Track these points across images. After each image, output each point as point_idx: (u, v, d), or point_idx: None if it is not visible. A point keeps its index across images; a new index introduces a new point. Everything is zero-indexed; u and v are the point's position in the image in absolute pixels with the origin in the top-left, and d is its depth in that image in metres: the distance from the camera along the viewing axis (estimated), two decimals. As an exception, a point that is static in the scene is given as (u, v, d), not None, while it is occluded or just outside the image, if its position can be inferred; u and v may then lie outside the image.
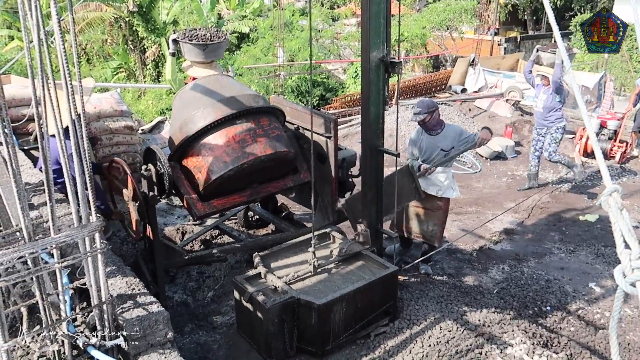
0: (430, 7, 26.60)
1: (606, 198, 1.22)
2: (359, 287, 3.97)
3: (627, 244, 1.08)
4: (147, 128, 7.80)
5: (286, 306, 3.74)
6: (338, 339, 3.94)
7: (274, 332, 3.72)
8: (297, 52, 17.45)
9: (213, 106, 4.35)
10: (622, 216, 1.14)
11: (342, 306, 3.87)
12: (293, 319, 3.80)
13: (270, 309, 3.66)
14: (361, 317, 4.05)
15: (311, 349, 3.89)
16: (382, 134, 4.50)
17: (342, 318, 3.89)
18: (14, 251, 1.83)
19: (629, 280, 1.03)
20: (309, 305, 3.75)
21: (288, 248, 4.51)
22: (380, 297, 4.16)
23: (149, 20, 19.86)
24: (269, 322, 3.69)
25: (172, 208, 6.60)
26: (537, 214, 7.63)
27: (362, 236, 4.57)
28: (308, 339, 3.87)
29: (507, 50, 25.57)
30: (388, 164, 5.07)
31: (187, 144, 4.38)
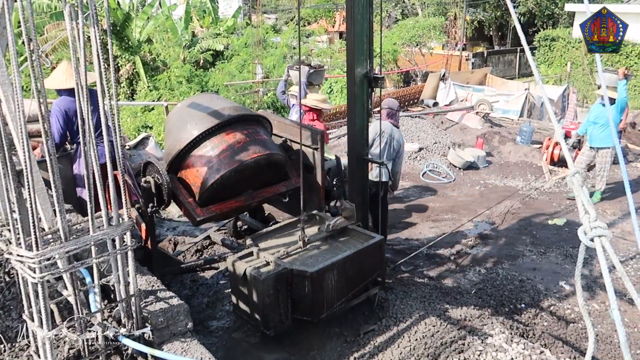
0: (399, 24, 27.35)
1: (570, 178, 1.55)
2: (349, 255, 4.11)
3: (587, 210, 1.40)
4: (132, 144, 7.98)
5: (280, 277, 3.84)
6: (332, 307, 4.05)
7: (269, 303, 3.82)
8: (272, 69, 17.78)
9: (202, 119, 4.61)
10: (583, 190, 1.47)
11: (334, 274, 3.99)
12: (287, 289, 3.91)
13: (265, 279, 3.75)
14: (353, 285, 4.19)
15: (306, 318, 3.99)
16: (366, 143, 4.82)
17: (335, 286, 4.01)
18: (59, 247, 2.06)
19: (588, 237, 1.35)
20: (302, 275, 3.85)
21: (277, 230, 4.65)
22: (369, 266, 4.31)
23: (122, 38, 19.96)
24: (265, 294, 3.78)
25: (161, 221, 6.79)
26: (509, 219, 8.04)
27: (347, 210, 4.65)
28: (303, 308, 3.97)
29: (475, 64, 26.43)
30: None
31: (181, 155, 4.63)
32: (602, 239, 1.33)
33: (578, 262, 1.47)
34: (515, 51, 28.13)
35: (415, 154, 10.83)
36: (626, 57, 19.64)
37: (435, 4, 31.78)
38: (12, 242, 2.39)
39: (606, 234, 1.35)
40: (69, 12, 2.04)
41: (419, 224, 7.85)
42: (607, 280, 1.36)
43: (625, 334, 1.33)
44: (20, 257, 2.18)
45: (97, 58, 2.14)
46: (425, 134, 11.63)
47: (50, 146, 2.19)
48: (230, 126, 4.59)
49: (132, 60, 19.95)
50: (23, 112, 2.10)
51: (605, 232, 1.35)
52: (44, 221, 2.51)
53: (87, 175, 2.19)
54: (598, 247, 1.35)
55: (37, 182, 2.42)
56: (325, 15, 32.95)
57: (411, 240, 7.21)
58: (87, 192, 2.21)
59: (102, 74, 2.21)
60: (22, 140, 2.24)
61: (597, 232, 1.35)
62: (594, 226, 1.35)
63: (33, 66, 2.20)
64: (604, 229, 1.35)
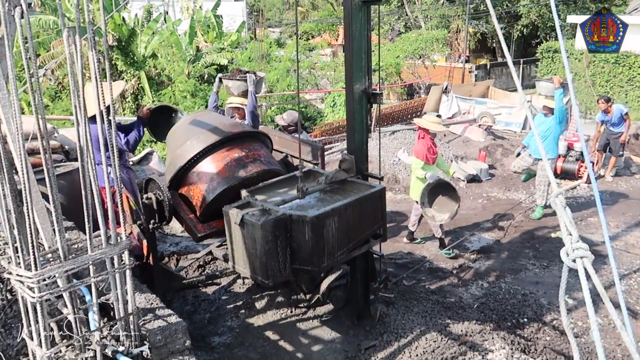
0: (402, 37, 27.51)
1: (554, 199, 1.57)
2: (350, 202, 3.99)
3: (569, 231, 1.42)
4: (136, 159, 8.04)
5: (278, 222, 3.70)
6: (333, 256, 3.93)
7: (268, 250, 3.68)
8: (275, 83, 17.89)
9: (203, 136, 4.66)
10: (565, 212, 1.48)
11: (335, 220, 3.86)
12: (286, 236, 3.77)
13: (263, 224, 3.62)
14: (354, 234, 4.08)
15: (306, 268, 3.86)
16: (366, 159, 4.85)
17: (335, 234, 3.88)
18: (58, 267, 2.09)
19: (570, 258, 1.37)
20: (302, 220, 3.72)
21: (274, 183, 4.54)
22: (370, 215, 4.21)
23: (127, 54, 20.15)
24: (263, 240, 3.65)
25: (164, 236, 6.82)
26: (511, 232, 8.03)
27: (347, 162, 4.52)
28: (303, 257, 3.83)
29: (478, 77, 26.49)
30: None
31: (182, 172, 4.68)
32: (584, 260, 1.35)
33: (562, 284, 1.49)
34: (519, 63, 28.20)
35: (418, 167, 10.85)
36: (629, 68, 19.65)
37: (438, 17, 31.99)
38: (12, 262, 2.42)
39: (588, 255, 1.37)
40: (67, 36, 2.09)
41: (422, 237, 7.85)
42: (588, 302, 1.38)
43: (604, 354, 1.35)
44: (20, 276, 2.21)
45: (95, 80, 2.19)
46: (428, 147, 11.64)
47: (50, 162, 2.23)
48: (230, 143, 4.63)
49: (137, 75, 20.13)
50: (23, 133, 2.14)
51: (587, 253, 1.37)
52: (44, 240, 2.55)
53: (85, 195, 2.23)
54: (580, 268, 1.37)
55: (36, 202, 2.46)
56: (329, 29, 33.19)
57: (413, 254, 7.21)
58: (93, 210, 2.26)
59: (100, 95, 2.26)
60: (22, 161, 2.28)
61: (579, 253, 1.37)
62: (576, 247, 1.37)
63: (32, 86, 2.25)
64: (585, 250, 1.37)
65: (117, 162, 2.52)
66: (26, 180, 2.13)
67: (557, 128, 8.12)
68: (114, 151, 2.47)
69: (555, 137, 8.18)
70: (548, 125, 8.11)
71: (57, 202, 2.28)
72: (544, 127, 8.14)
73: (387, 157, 11.08)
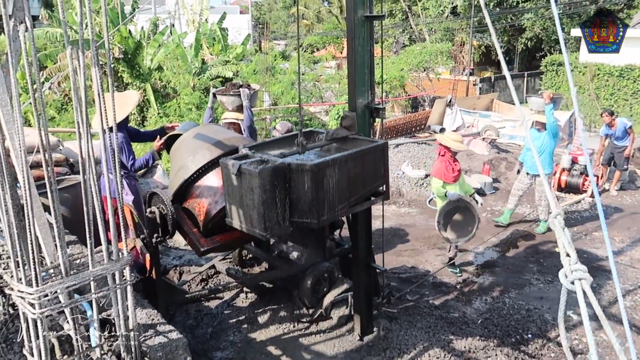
0: (407, 50, 27.62)
1: (552, 220, 1.56)
2: (351, 153, 3.90)
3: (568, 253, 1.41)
4: (140, 172, 8.05)
5: (277, 171, 3.60)
6: (334, 210, 3.83)
7: (265, 200, 3.58)
8: (280, 96, 17.96)
9: (207, 149, 4.67)
10: (564, 232, 1.48)
11: (335, 171, 3.75)
12: (285, 187, 3.67)
13: (261, 172, 3.53)
14: (355, 188, 3.98)
15: (306, 220, 3.74)
16: (369, 174, 4.84)
17: (336, 186, 3.78)
18: (59, 283, 2.09)
19: (569, 280, 1.36)
20: (301, 169, 3.62)
21: (273, 142, 4.46)
22: (372, 170, 4.12)
23: (133, 66, 20.29)
24: (261, 189, 3.55)
25: (167, 249, 6.82)
26: (516, 247, 8.00)
27: (348, 119, 4.38)
28: (302, 209, 3.72)
29: (482, 89, 26.55)
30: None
31: (186, 186, 4.69)
32: (582, 282, 1.34)
33: (561, 304, 1.48)
34: (523, 76, 28.26)
35: (422, 180, 10.84)
36: (633, 81, 19.65)
37: (442, 30, 32.14)
38: (14, 277, 2.42)
39: (586, 277, 1.36)
40: (70, 53, 2.11)
41: (425, 251, 7.82)
42: (586, 324, 1.37)
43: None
44: (21, 292, 2.21)
45: (98, 97, 2.20)
46: (432, 160, 11.60)
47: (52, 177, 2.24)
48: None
49: (142, 88, 20.26)
50: (25, 149, 2.16)
51: (586, 275, 1.36)
52: (46, 255, 2.56)
53: (86, 212, 2.23)
54: (578, 290, 1.36)
55: (38, 217, 2.47)
56: (333, 42, 33.38)
57: (417, 269, 7.18)
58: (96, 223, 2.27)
59: (103, 112, 2.27)
60: (25, 176, 2.29)
61: (578, 275, 1.36)
62: (575, 269, 1.36)
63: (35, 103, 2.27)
64: (584, 272, 1.36)
65: (119, 174, 2.53)
66: (28, 196, 2.14)
67: (551, 143, 8.12)
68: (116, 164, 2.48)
69: (550, 152, 8.16)
70: (542, 141, 8.11)
71: (60, 217, 2.28)
72: (538, 142, 8.16)
73: (391, 170, 11.06)
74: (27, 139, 2.67)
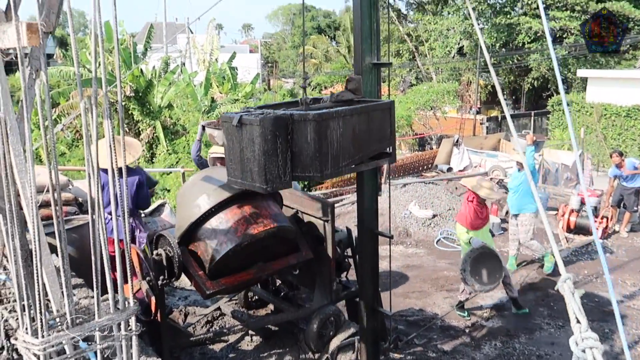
0: (414, 89, 27.95)
1: (562, 284, 1.55)
2: (355, 108, 3.81)
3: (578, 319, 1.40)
4: (148, 211, 8.08)
5: (279, 121, 3.51)
6: (337, 165, 3.72)
7: (267, 150, 3.48)
8: (288, 134, 18.08)
9: (213, 192, 4.69)
10: (574, 298, 1.46)
11: (339, 124, 3.65)
12: (287, 139, 3.57)
13: (262, 120, 3.44)
14: (360, 146, 3.87)
15: (308, 174, 3.64)
16: (376, 217, 4.84)
17: (340, 140, 3.68)
18: (64, 335, 2.09)
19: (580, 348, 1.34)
20: (304, 118, 3.53)
21: (277, 104, 4.34)
22: (378, 128, 4.01)
23: (144, 104, 20.62)
24: (262, 138, 3.46)
25: (173, 289, 6.79)
26: (525, 289, 7.88)
27: (353, 82, 4.23)
28: (304, 163, 3.61)
29: (489, 129, 26.69)
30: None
31: (193, 228, 4.69)
32: (594, 351, 1.32)
33: (572, 373, 1.45)
34: (530, 115, 28.41)
35: (429, 220, 10.80)
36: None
37: (449, 70, 32.55)
38: (19, 325, 2.42)
39: (597, 345, 1.34)
40: (84, 107, 2.16)
41: (433, 294, 7.73)
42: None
43: None
44: (26, 342, 2.21)
45: (109, 149, 2.24)
46: (439, 200, 11.63)
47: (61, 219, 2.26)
48: (240, 199, 4.65)
49: (152, 125, 20.53)
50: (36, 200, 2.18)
51: (597, 343, 1.34)
52: (52, 302, 2.55)
53: (94, 261, 2.24)
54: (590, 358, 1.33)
55: (46, 265, 2.48)
56: (341, 81, 33.81)
57: (425, 311, 7.08)
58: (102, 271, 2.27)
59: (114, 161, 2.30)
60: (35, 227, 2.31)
61: (589, 343, 1.34)
62: (586, 337, 1.34)
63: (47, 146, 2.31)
64: (595, 340, 1.34)
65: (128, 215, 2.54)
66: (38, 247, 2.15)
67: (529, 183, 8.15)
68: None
69: (528, 191, 8.12)
70: (520, 180, 8.18)
71: (67, 263, 2.29)
72: (517, 182, 8.26)
73: (398, 210, 11.06)
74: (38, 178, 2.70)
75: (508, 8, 29.87)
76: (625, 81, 20.25)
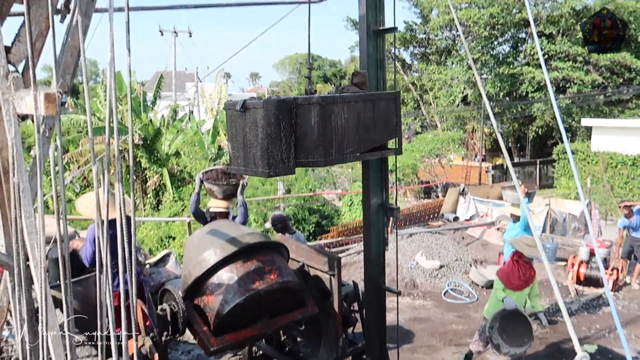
0: (419, 137, 28.20)
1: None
2: (360, 95, 3.77)
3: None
4: (153, 262, 8.04)
5: (282, 104, 3.48)
6: (342, 152, 3.66)
7: (269, 133, 3.43)
8: (294, 182, 18.20)
9: (219, 246, 4.67)
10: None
11: (344, 110, 3.62)
12: (290, 123, 3.53)
13: (266, 102, 3.41)
14: (366, 133, 3.82)
15: (312, 160, 3.58)
16: (383, 272, 4.81)
17: (345, 125, 3.64)
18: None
19: None
20: (308, 102, 3.49)
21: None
22: (383, 119, 3.95)
23: (152, 151, 20.85)
24: (265, 121, 3.41)
25: (176, 343, 6.69)
26: (536, 344, 7.69)
27: (359, 76, 4.22)
28: (308, 148, 3.57)
29: (495, 176, 26.72)
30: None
31: (198, 283, 4.65)
32: None
33: None
34: (535, 163, 28.47)
35: (436, 271, 10.68)
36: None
37: (453, 117, 32.87)
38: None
39: None
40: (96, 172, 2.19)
41: (441, 348, 7.56)
42: None
43: None
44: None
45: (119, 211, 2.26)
46: (446, 251, 11.53)
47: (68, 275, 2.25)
48: (246, 254, 4.64)
49: (159, 172, 20.69)
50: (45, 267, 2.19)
51: None
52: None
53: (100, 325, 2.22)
54: None
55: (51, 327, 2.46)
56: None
57: (433, 367, 6.92)
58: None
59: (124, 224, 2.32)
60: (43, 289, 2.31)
61: None
62: None
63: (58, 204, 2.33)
64: None
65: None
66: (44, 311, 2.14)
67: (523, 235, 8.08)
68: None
69: None
70: (515, 232, 8.10)
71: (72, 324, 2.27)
72: (511, 233, 8.19)
73: (405, 260, 10.95)
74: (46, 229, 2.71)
75: (511, 58, 30.40)
76: (630, 130, 20.36)
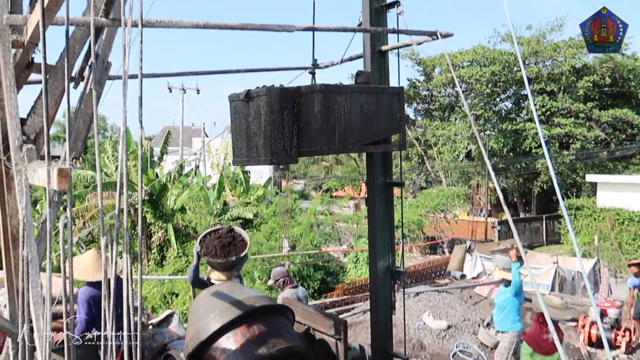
0: (424, 192, 28.25)
1: None
2: (363, 86, 3.73)
3: None
4: (156, 322, 7.93)
5: (286, 92, 3.44)
6: (345, 142, 3.58)
7: (272, 121, 3.38)
8: (299, 238, 18.12)
9: (223, 310, 4.62)
10: None
11: (347, 99, 3.56)
12: (294, 111, 3.48)
13: (269, 89, 3.37)
14: (370, 125, 3.74)
15: (314, 149, 3.53)
16: (391, 336, 4.72)
17: (348, 115, 3.58)
18: None
19: None
20: (311, 90, 3.45)
21: None
22: (386, 113, 3.89)
23: (157, 207, 20.90)
24: (268, 108, 3.38)
25: (177, 408, 6.49)
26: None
27: (364, 75, 4.19)
28: (311, 137, 3.50)
29: (501, 232, 26.54)
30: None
31: (201, 348, 4.58)
32: None
33: None
34: (541, 219, 28.32)
35: (444, 332, 10.46)
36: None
37: (458, 173, 33.03)
38: None
39: None
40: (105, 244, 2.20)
41: (451, 415, 7.32)
42: None
43: None
44: None
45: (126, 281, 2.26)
46: (454, 310, 11.33)
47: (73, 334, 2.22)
48: (250, 318, 4.58)
49: (164, 227, 20.67)
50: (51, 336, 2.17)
51: None
52: None
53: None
54: None
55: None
56: (351, 184, 34.35)
57: None
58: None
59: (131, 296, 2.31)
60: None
61: None
62: None
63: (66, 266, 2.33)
64: None
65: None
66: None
67: (514, 300, 7.96)
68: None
69: (513, 308, 7.96)
70: (506, 297, 8.00)
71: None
72: (502, 297, 8.09)
73: (412, 321, 10.74)
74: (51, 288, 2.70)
75: (513, 115, 30.83)
76: (636, 186, 20.35)
